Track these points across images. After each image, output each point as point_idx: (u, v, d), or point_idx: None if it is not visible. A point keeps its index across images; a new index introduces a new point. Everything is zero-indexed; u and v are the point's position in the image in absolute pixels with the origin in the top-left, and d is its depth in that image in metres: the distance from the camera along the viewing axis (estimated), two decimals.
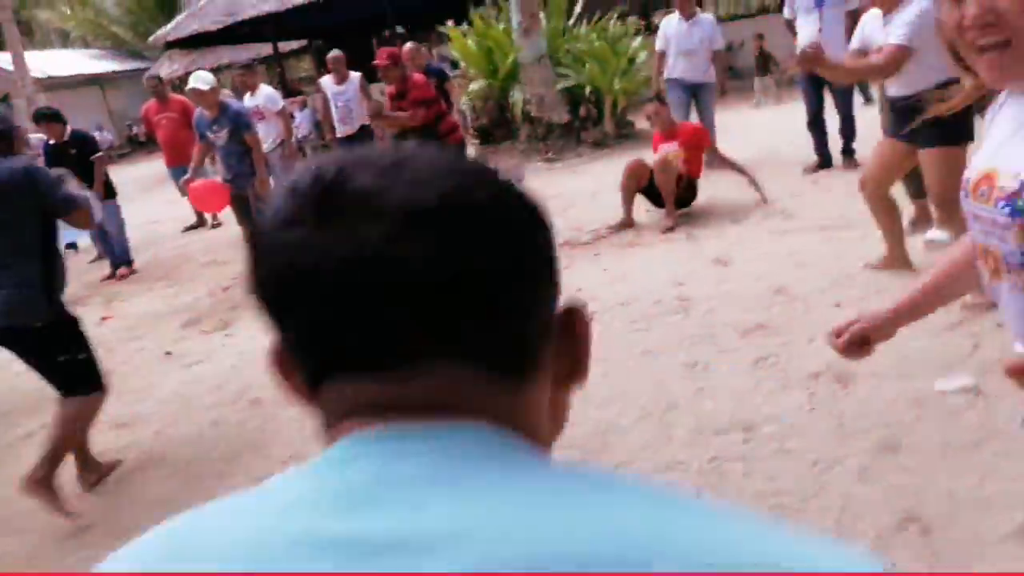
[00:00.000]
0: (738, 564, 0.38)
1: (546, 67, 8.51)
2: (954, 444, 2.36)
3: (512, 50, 8.64)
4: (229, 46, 17.37)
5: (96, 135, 7.64)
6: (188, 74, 17.53)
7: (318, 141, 11.20)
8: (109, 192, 6.79)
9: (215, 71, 13.75)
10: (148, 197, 11.88)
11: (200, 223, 8.62)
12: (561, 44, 8.79)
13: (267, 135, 7.04)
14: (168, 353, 4.68)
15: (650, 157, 5.41)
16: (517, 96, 8.63)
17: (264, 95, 7.26)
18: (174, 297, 5.97)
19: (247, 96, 7.21)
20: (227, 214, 8.18)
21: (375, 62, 5.81)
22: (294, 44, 18.82)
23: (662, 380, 3.11)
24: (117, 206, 6.92)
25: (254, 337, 4.73)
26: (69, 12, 25.38)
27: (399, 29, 14.22)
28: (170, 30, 15.31)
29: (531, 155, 8.60)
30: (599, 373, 3.27)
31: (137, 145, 22.49)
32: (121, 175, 10.33)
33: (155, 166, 13.21)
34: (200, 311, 5.44)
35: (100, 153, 6.85)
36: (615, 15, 9.20)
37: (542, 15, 8.69)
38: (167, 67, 20.46)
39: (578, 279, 4.51)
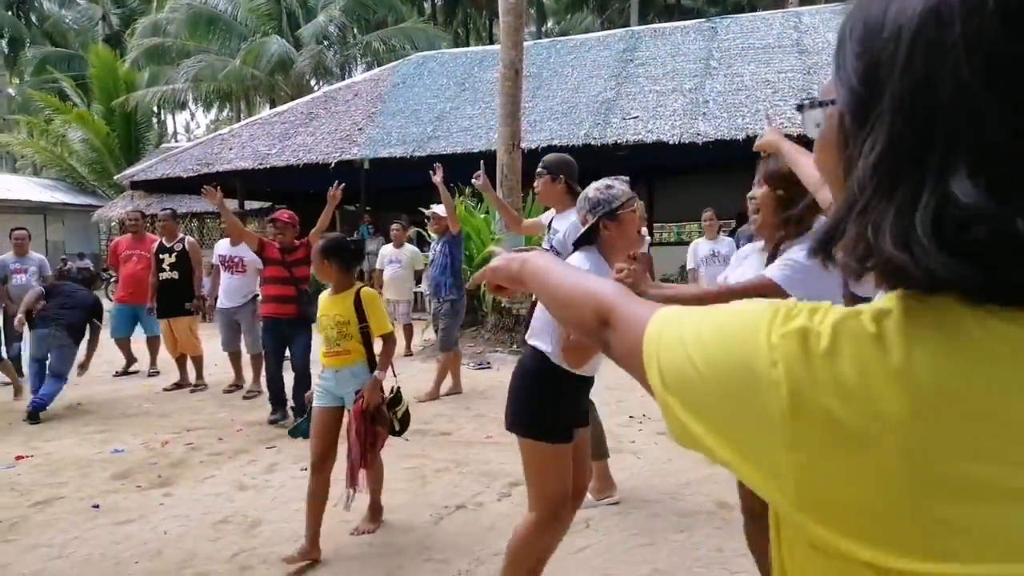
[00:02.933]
0: None
1: None
2: None
3: (491, 241, 8.79)
4: (192, 196, 17.43)
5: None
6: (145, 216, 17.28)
7: None
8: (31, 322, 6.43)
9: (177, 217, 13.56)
10: None
11: (130, 368, 8.05)
12: (537, 242, 8.98)
13: (240, 289, 6.79)
14: (96, 506, 4.09)
15: None
16: None
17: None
18: (104, 444, 5.36)
19: (226, 243, 6.96)
20: (164, 363, 7.70)
21: (274, 215, 5.88)
22: (255, 204, 18.95)
23: None
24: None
25: (199, 500, 4.21)
26: (29, 139, 25.23)
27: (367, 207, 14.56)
28: (139, 171, 15.33)
29: (495, 344, 8.50)
30: None
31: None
32: None
33: None
34: (133, 463, 4.87)
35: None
36: None
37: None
38: (120, 207, 20.21)
39: None
